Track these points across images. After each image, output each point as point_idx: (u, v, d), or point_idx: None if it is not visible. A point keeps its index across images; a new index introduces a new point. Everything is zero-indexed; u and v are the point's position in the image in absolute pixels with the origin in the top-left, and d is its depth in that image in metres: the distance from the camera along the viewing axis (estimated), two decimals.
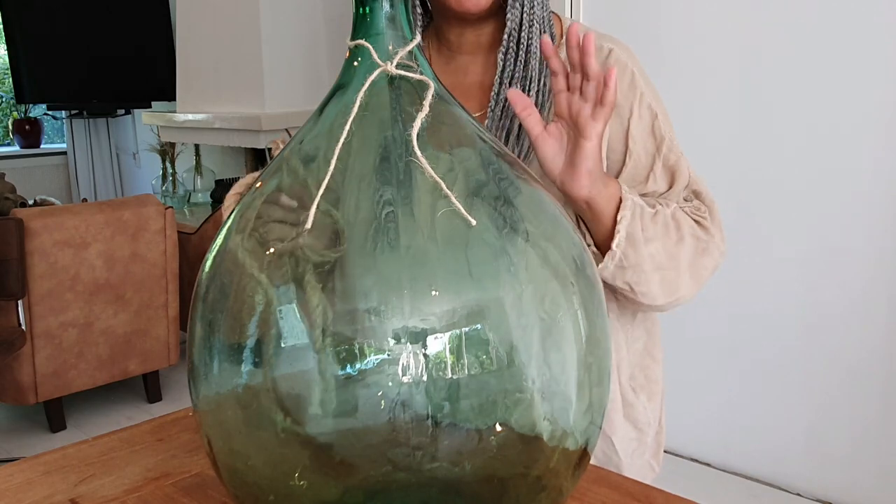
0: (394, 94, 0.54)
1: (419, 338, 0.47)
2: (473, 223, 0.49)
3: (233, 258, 0.52)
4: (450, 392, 0.48)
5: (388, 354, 0.47)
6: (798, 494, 2.05)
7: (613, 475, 0.70)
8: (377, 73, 0.52)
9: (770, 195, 2.01)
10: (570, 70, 0.79)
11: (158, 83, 4.17)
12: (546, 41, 0.79)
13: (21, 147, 4.77)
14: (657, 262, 0.86)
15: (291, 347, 0.48)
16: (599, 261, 0.85)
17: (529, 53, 0.89)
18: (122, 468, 0.73)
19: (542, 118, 0.83)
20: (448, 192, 0.49)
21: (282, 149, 0.76)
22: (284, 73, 3.13)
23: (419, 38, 0.55)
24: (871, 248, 1.88)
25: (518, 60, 0.89)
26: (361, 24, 0.54)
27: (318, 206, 0.49)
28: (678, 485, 0.77)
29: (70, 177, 4.82)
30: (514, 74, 0.90)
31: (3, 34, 4.34)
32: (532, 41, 0.89)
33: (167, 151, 4.07)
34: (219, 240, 0.54)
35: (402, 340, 0.47)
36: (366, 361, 0.47)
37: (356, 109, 0.51)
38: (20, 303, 2.42)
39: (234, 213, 0.55)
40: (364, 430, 0.49)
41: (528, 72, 0.90)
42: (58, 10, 4.17)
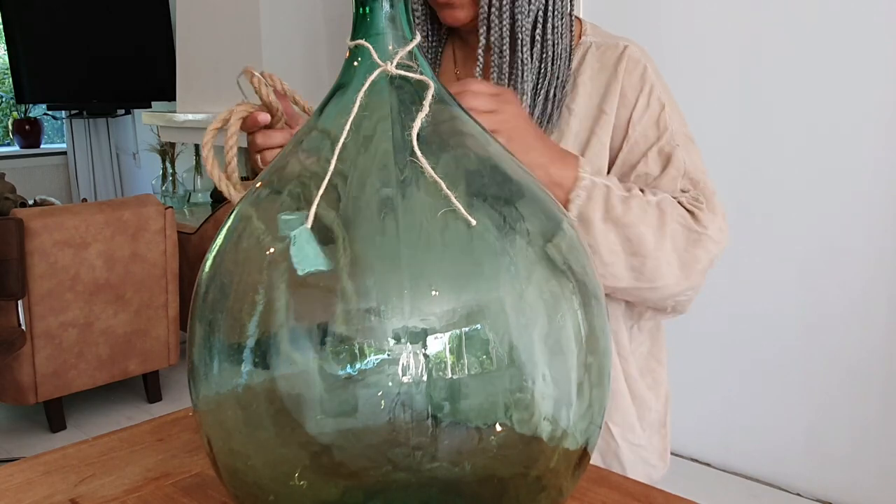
0: (394, 95, 0.54)
1: (419, 338, 0.47)
2: (473, 223, 0.49)
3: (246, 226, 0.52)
4: (450, 392, 0.48)
5: (388, 354, 0.47)
6: (798, 494, 2.05)
7: (614, 475, 0.70)
8: (377, 73, 0.52)
9: (770, 195, 2.01)
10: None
11: (158, 83, 4.17)
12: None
13: (21, 147, 4.77)
14: (628, 247, 0.85)
15: (307, 275, 0.48)
16: None
17: (515, 65, 0.92)
18: (122, 468, 0.73)
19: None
20: (448, 192, 0.49)
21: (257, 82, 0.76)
22: (284, 73, 3.12)
23: (419, 38, 0.55)
24: (871, 248, 1.88)
25: (502, 73, 0.93)
26: (361, 24, 0.54)
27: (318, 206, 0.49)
28: (678, 485, 0.77)
29: (70, 177, 4.83)
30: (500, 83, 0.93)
31: (3, 34, 4.34)
32: (519, 51, 0.92)
33: (167, 151, 4.07)
34: (219, 240, 0.54)
35: (402, 340, 0.47)
36: (366, 361, 0.47)
37: (356, 109, 0.51)
38: (20, 303, 2.42)
39: (234, 215, 0.55)
40: (364, 430, 0.49)
41: (519, 85, 0.93)
42: (58, 10, 4.17)
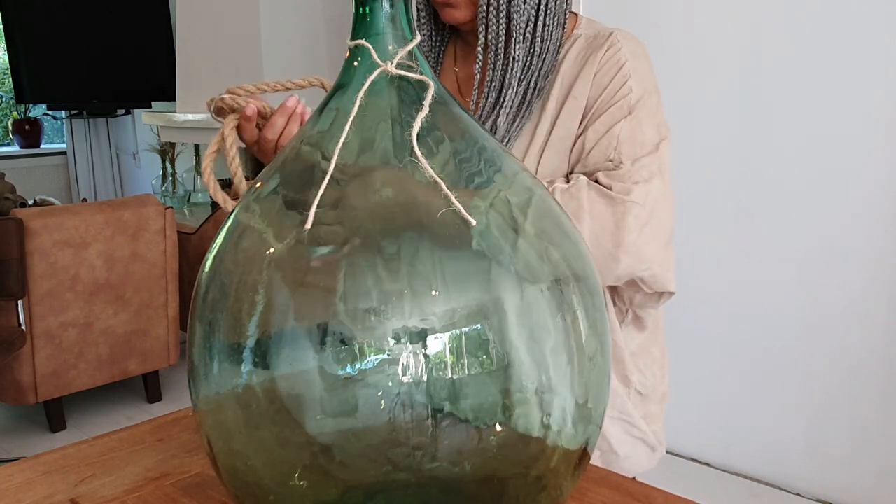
0: (394, 95, 0.54)
1: (419, 338, 0.47)
2: (473, 223, 0.49)
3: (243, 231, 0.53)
4: (450, 392, 0.48)
5: (389, 354, 0.47)
6: (798, 494, 2.05)
7: (613, 475, 0.70)
8: (377, 73, 0.52)
9: (770, 195, 2.01)
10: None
11: (158, 83, 4.17)
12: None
13: (21, 147, 4.77)
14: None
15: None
16: None
17: (508, 62, 0.93)
18: (122, 468, 0.73)
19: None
20: (448, 192, 0.49)
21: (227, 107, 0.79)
22: (284, 73, 3.12)
23: (419, 38, 0.55)
24: (871, 248, 1.88)
25: (496, 69, 0.94)
26: (361, 24, 0.54)
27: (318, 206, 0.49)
28: (678, 485, 0.77)
29: (70, 177, 4.82)
30: (492, 83, 0.94)
31: (3, 34, 4.34)
32: (512, 48, 0.92)
33: (167, 151, 4.07)
34: (219, 240, 0.54)
35: (403, 340, 0.47)
36: (366, 361, 0.47)
37: (356, 109, 0.51)
38: (20, 303, 2.42)
39: (233, 217, 0.55)
40: (364, 430, 0.49)
41: (507, 79, 0.93)
42: (58, 10, 4.17)
